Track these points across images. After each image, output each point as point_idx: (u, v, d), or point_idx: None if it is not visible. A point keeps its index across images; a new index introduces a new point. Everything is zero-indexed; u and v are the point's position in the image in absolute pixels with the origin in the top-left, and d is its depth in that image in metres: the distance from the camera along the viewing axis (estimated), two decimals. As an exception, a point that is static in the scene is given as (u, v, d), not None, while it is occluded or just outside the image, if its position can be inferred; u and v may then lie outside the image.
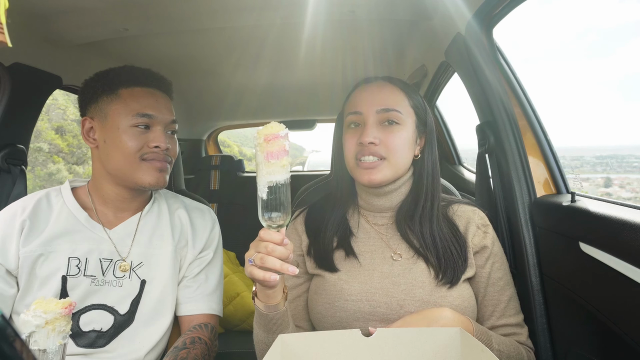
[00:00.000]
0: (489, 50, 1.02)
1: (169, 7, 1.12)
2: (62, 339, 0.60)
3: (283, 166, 0.62)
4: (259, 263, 0.64)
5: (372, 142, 0.83)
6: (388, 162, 0.83)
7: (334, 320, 0.82)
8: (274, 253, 0.64)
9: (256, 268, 0.65)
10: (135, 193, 0.98)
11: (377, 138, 0.83)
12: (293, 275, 0.65)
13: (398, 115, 0.84)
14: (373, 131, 0.83)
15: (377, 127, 0.84)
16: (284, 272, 0.64)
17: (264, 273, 0.64)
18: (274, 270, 0.64)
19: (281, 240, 0.65)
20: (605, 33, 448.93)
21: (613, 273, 0.67)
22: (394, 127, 0.84)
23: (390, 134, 0.84)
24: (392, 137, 0.84)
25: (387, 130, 0.84)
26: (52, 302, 0.60)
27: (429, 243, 0.84)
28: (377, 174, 0.83)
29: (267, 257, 0.64)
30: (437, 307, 0.77)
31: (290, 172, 0.65)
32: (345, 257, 0.87)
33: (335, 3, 1.11)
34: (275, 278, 0.64)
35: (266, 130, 0.63)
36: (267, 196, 0.63)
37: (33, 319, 0.57)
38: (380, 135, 0.83)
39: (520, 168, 0.97)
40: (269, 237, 0.64)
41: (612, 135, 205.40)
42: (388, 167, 0.83)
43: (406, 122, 0.85)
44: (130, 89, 0.94)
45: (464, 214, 0.89)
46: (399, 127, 0.84)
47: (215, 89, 2.06)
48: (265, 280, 0.64)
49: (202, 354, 0.89)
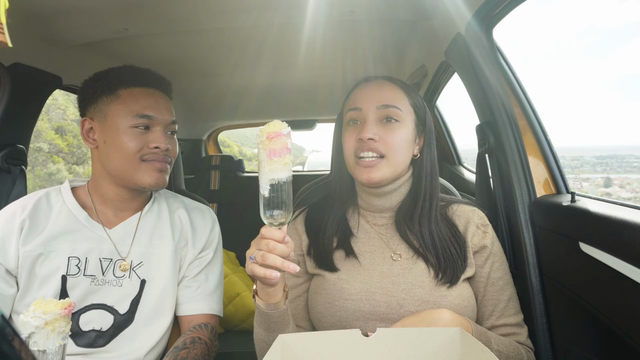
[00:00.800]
0: (489, 50, 1.02)
1: (169, 8, 1.12)
2: (61, 339, 0.60)
3: (285, 164, 0.63)
4: (260, 260, 0.64)
5: (371, 138, 0.82)
6: (387, 160, 0.83)
7: (334, 320, 0.82)
8: (275, 250, 0.64)
9: (257, 265, 0.65)
10: (135, 193, 0.98)
11: (376, 134, 0.83)
12: (294, 272, 0.65)
13: (398, 112, 0.84)
14: (372, 127, 0.83)
15: (376, 123, 0.84)
16: (285, 269, 0.64)
17: (265, 270, 0.64)
18: (275, 268, 0.64)
19: (282, 238, 0.65)
20: (605, 33, 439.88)
21: (613, 273, 0.67)
22: (393, 125, 0.84)
23: (389, 131, 0.84)
24: (392, 134, 0.83)
25: (387, 127, 0.84)
26: (52, 302, 0.60)
27: (428, 243, 0.84)
28: (376, 172, 0.83)
29: (268, 255, 0.64)
30: (435, 309, 0.77)
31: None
32: (345, 257, 0.87)
33: (335, 3, 1.11)
34: (276, 275, 0.64)
35: (269, 128, 0.63)
36: (269, 194, 0.63)
37: (32, 320, 0.57)
38: (380, 132, 0.83)
39: (520, 168, 0.97)
40: (271, 234, 0.65)
41: (612, 135, 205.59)
42: (387, 165, 0.83)
43: (405, 120, 0.85)
44: (129, 89, 0.94)
45: (464, 213, 0.89)
46: (399, 125, 0.84)
47: (215, 89, 2.07)
48: (267, 278, 0.64)
49: (202, 354, 0.89)
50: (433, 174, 0.89)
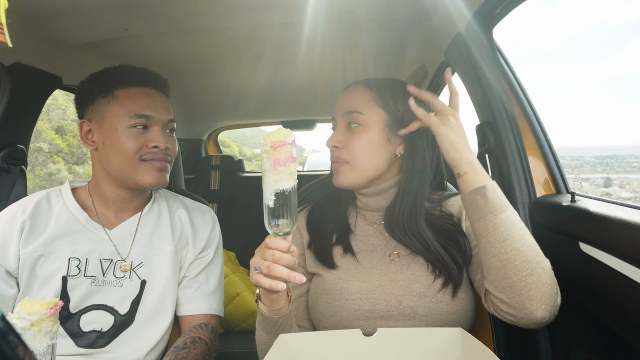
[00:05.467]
0: (489, 50, 1.02)
1: (169, 7, 1.11)
2: (49, 339, 0.58)
3: (290, 174, 0.61)
4: (266, 271, 0.63)
5: (334, 146, 0.85)
6: (351, 166, 0.84)
7: (335, 320, 0.83)
8: (280, 261, 0.63)
9: (262, 276, 0.64)
10: (135, 193, 0.98)
11: (340, 142, 0.85)
12: (300, 283, 0.64)
13: (359, 117, 0.84)
14: (338, 135, 0.86)
15: (343, 130, 0.86)
16: (290, 280, 0.63)
17: (271, 282, 0.63)
18: (281, 279, 0.63)
19: (288, 248, 0.64)
20: (605, 33, 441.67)
21: (613, 273, 0.67)
22: (355, 129, 0.85)
23: (351, 136, 0.85)
24: (353, 139, 0.85)
25: (350, 133, 0.86)
26: (37, 303, 0.59)
27: (417, 242, 0.83)
28: (341, 177, 0.85)
29: (274, 266, 0.62)
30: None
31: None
32: (344, 255, 0.88)
33: (335, 3, 1.11)
34: (282, 287, 0.63)
35: (273, 137, 0.61)
36: (274, 204, 0.61)
37: (17, 322, 0.56)
38: (346, 139, 0.85)
39: (520, 168, 0.97)
40: (276, 245, 0.63)
41: (612, 135, 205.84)
42: (351, 170, 0.85)
43: (369, 124, 0.84)
44: (126, 89, 0.93)
45: (456, 202, 0.90)
46: (361, 129, 0.85)
47: (215, 89, 2.06)
48: (272, 289, 0.64)
49: (203, 354, 0.89)
50: (418, 172, 0.85)
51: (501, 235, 0.69)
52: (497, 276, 0.70)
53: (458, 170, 0.75)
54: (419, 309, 0.79)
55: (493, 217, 0.70)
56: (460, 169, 0.74)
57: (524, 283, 0.68)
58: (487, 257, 0.71)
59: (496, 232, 0.69)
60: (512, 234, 0.69)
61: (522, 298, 0.68)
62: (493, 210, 0.70)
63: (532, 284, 0.68)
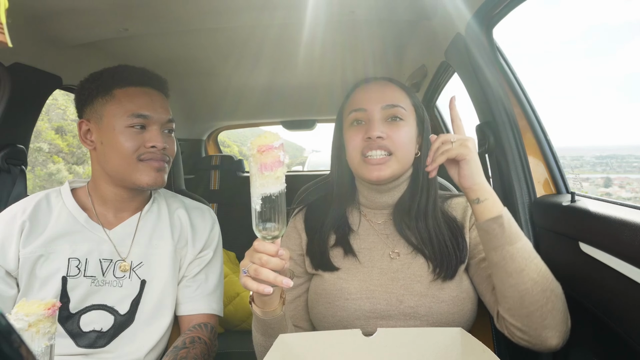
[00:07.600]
0: (489, 50, 1.02)
1: (169, 8, 1.12)
2: (47, 340, 0.58)
3: (277, 178, 0.60)
4: (253, 274, 0.63)
5: (380, 137, 0.83)
6: (395, 157, 0.84)
7: (335, 320, 0.83)
8: (268, 265, 0.62)
9: (250, 279, 0.64)
10: (134, 193, 0.98)
11: (384, 132, 0.84)
12: (287, 287, 0.63)
13: (402, 111, 0.86)
14: (380, 126, 0.84)
15: (382, 123, 0.85)
16: (277, 284, 0.62)
17: (258, 285, 0.63)
18: (268, 283, 0.63)
19: (276, 252, 0.63)
20: (605, 33, 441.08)
21: (613, 273, 0.67)
22: (399, 123, 0.85)
23: (396, 129, 0.85)
24: (398, 132, 0.84)
25: (393, 126, 0.85)
26: (35, 304, 0.59)
27: (425, 238, 0.85)
28: (386, 170, 0.84)
29: (261, 269, 0.62)
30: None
31: (291, 172, 0.63)
32: (344, 255, 0.88)
33: (335, 3, 1.11)
34: (269, 291, 0.63)
35: (259, 140, 0.59)
36: (261, 208, 0.60)
37: (15, 323, 0.55)
38: (387, 131, 0.84)
39: (520, 168, 0.97)
40: (263, 248, 0.63)
41: (612, 135, 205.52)
42: (395, 162, 0.84)
43: (409, 119, 0.87)
44: (124, 89, 0.93)
45: (459, 205, 0.91)
46: (404, 123, 0.86)
47: (215, 89, 2.07)
48: (259, 292, 0.63)
49: (202, 354, 0.89)
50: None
51: (518, 265, 0.70)
52: (514, 305, 0.71)
53: (478, 195, 0.74)
54: (419, 309, 0.79)
55: (510, 247, 0.71)
56: (481, 194, 0.74)
57: (540, 312, 0.69)
58: (504, 287, 0.72)
59: (514, 263, 0.70)
60: (529, 264, 0.70)
61: (538, 327, 0.70)
62: (510, 240, 0.71)
63: (547, 312, 0.69)
